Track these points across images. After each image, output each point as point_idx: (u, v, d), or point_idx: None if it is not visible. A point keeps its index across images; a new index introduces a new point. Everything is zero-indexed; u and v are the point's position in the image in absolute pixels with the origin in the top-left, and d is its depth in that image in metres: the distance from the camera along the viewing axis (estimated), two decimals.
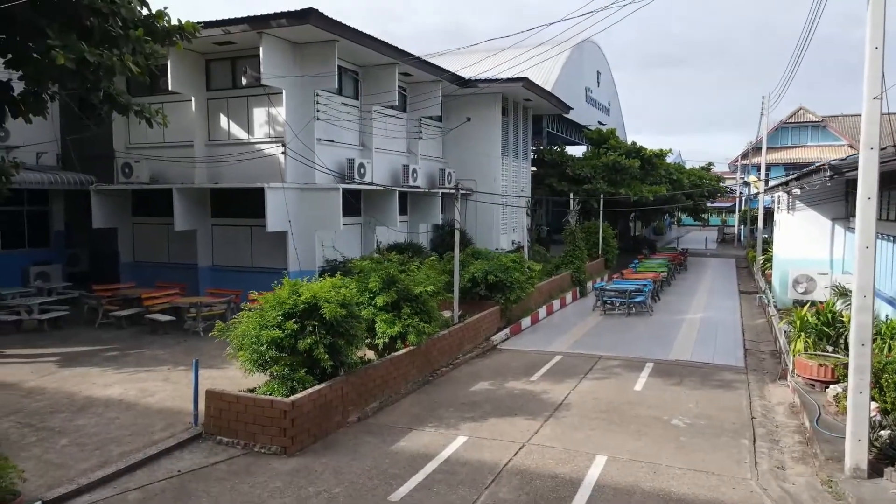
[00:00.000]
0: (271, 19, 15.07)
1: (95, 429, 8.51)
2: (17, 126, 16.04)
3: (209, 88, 17.66)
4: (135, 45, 11.80)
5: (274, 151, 16.68)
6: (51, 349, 12.88)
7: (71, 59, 10.33)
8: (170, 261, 18.82)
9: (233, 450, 7.99)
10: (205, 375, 8.94)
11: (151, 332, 14.41)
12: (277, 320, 8.47)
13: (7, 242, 19.12)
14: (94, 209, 17.99)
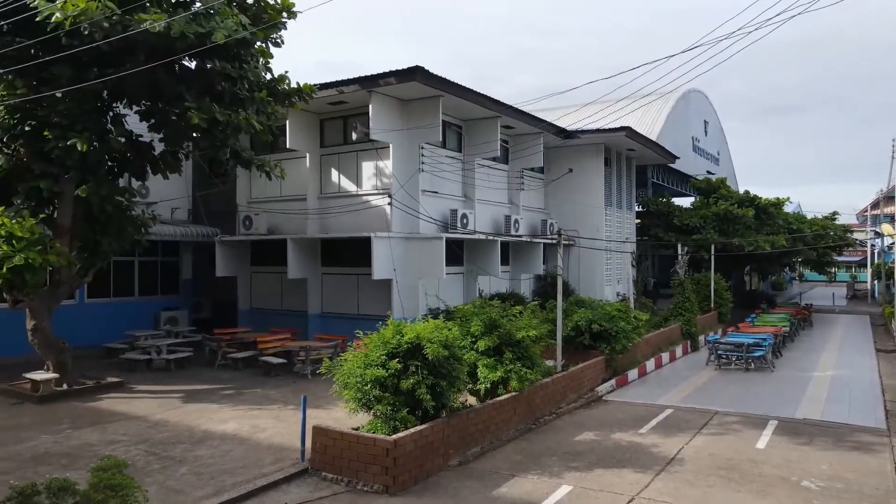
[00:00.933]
0: (380, 78, 15.97)
1: (211, 460, 8.93)
2: (156, 183, 17.82)
3: (322, 145, 18.83)
4: (258, 105, 12.86)
5: (380, 202, 17.38)
6: (175, 386, 13.78)
7: (204, 119, 11.39)
8: (282, 308, 19.81)
9: (336, 486, 8.10)
10: (311, 415, 9.21)
11: (264, 373, 15.10)
12: (381, 359, 8.63)
13: (143, 290, 20.95)
14: (218, 259, 19.39)
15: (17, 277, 11.44)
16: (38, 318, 12.94)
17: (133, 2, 10.80)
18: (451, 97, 17.21)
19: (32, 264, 11.46)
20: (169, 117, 12.87)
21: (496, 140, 19.25)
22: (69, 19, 9.95)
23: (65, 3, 9.93)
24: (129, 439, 9.85)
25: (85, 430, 10.38)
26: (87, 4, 9.94)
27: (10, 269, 11.25)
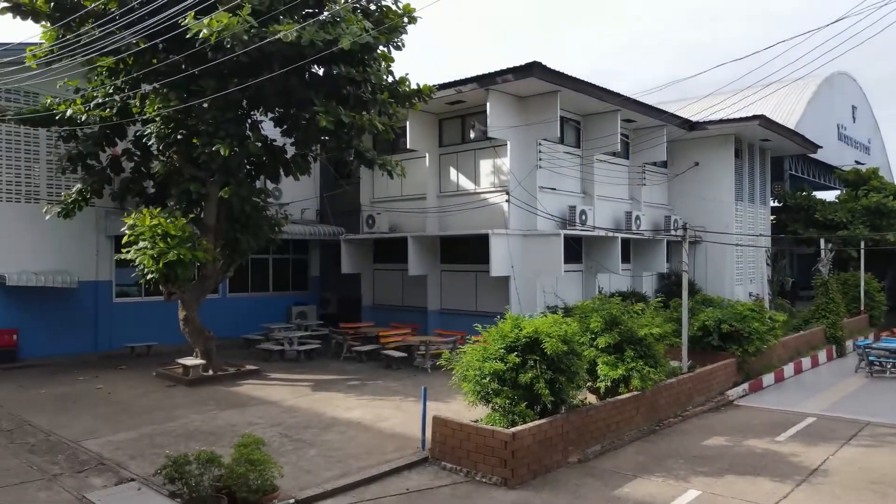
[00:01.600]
0: (497, 76, 16.03)
1: (338, 444, 9.40)
2: (287, 185, 19.05)
3: (441, 144, 19.21)
4: (381, 107, 13.35)
5: (498, 200, 17.45)
6: (305, 375, 14.64)
7: (331, 121, 11.99)
8: (403, 304, 20.43)
9: (456, 476, 8.23)
10: (430, 407, 9.42)
11: (386, 366, 15.66)
12: (499, 353, 8.67)
13: (276, 286, 22.43)
14: (343, 257, 20.34)
15: (171, 271, 12.66)
16: (188, 310, 14.24)
17: (268, 15, 11.60)
18: (568, 92, 16.95)
19: (184, 260, 12.63)
20: (300, 121, 13.71)
21: (616, 134, 18.70)
22: (214, 34, 10.87)
23: (210, 20, 10.86)
24: (265, 422, 10.59)
25: (228, 412, 11.28)
26: (230, 20, 10.82)
27: (165, 264, 12.48)
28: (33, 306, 16.54)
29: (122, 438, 9.64)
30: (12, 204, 16.41)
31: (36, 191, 16.79)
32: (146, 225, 12.63)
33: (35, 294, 16.42)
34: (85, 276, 17.31)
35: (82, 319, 17.48)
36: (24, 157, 16.65)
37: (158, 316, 18.39)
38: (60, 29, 13.24)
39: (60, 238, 16.96)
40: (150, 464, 8.27)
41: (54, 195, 16.65)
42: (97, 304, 17.82)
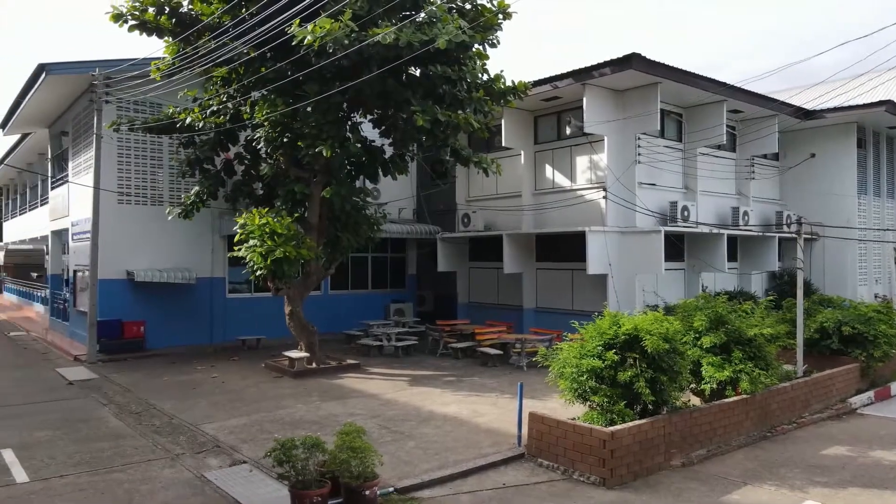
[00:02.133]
0: (594, 70, 15.70)
1: (435, 437, 9.55)
2: (385, 186, 19.56)
3: (536, 142, 19.05)
4: (476, 105, 13.43)
5: (595, 196, 17.09)
6: (403, 370, 14.98)
7: (427, 120, 12.19)
8: (498, 302, 20.44)
9: (552, 473, 8.15)
10: (526, 405, 9.36)
11: (482, 363, 15.73)
12: (597, 350, 8.50)
13: (375, 283, 23.10)
14: (440, 255, 20.63)
15: (278, 268, 13.35)
16: (293, 305, 14.96)
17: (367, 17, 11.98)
18: (669, 83, 16.33)
19: (289, 257, 13.28)
20: (397, 122, 14.05)
21: (721, 125, 17.80)
22: (317, 40, 11.36)
23: (314, 27, 11.35)
24: (365, 413, 10.94)
25: (330, 403, 11.75)
26: (332, 25, 11.27)
27: (272, 261, 13.18)
28: (157, 300, 17.96)
29: (235, 424, 10.28)
30: (140, 206, 17.90)
31: (160, 194, 18.22)
32: (255, 224, 13.38)
33: (159, 289, 17.82)
34: (202, 273, 18.59)
35: (199, 313, 18.78)
36: (150, 163, 18.12)
37: (266, 311, 19.43)
38: (180, 43, 14.30)
39: (180, 237, 18.30)
40: (261, 448, 8.76)
41: (175, 198, 17.99)
42: (212, 299, 19.08)
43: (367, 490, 6.68)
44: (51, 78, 16.71)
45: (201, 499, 7.22)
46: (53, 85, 17.51)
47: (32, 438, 9.45)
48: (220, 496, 7.29)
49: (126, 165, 17.70)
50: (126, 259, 17.51)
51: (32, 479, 7.70)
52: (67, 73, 16.69)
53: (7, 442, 9.23)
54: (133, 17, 13.78)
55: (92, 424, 10.34)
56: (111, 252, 17.00)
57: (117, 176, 17.47)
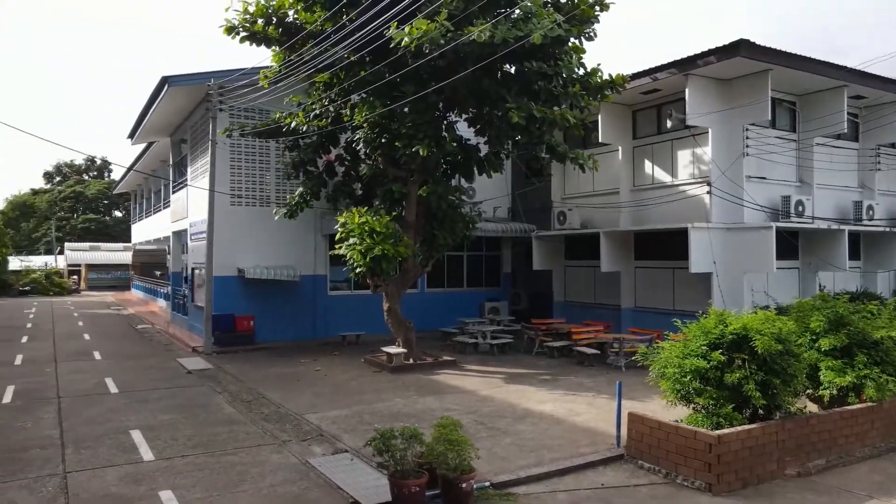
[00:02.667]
0: (698, 59, 15.03)
1: (531, 435, 9.49)
2: (480, 185, 19.66)
3: (634, 136, 18.48)
4: (572, 100, 13.22)
5: (698, 192, 16.35)
6: (498, 368, 14.99)
7: (522, 117, 12.13)
8: (595, 301, 20.01)
9: (654, 476, 7.88)
10: (625, 405, 9.10)
11: (578, 363, 15.46)
12: (702, 350, 8.13)
13: (470, 282, 23.25)
14: (535, 253, 20.47)
15: (376, 265, 13.75)
16: (391, 302, 15.34)
17: (463, 16, 12.09)
18: (781, 70, 15.34)
19: (387, 254, 13.64)
20: (492, 120, 14.08)
21: (841, 113, 16.51)
22: (414, 42, 11.59)
23: (411, 28, 11.60)
24: (461, 409, 11.04)
25: (427, 398, 11.95)
26: (428, 26, 11.46)
27: (371, 259, 13.58)
28: (265, 297, 18.98)
29: (336, 415, 10.68)
30: (249, 208, 18.99)
31: (267, 196, 19.25)
32: (355, 223, 13.84)
33: (266, 286, 18.83)
34: (305, 271, 19.46)
35: (303, 310, 19.66)
36: (259, 167, 19.18)
37: (365, 308, 20.06)
38: (286, 51, 15.04)
39: (285, 237, 19.24)
40: (361, 438, 9.05)
41: (281, 199, 18.94)
42: (315, 296, 19.93)
43: (464, 483, 6.74)
44: (172, 89, 18.09)
45: (306, 483, 7.56)
46: (174, 96, 18.93)
47: (157, 421, 10.26)
48: (323, 482, 7.60)
49: (237, 169, 18.83)
50: (237, 257, 18.63)
51: (157, 458, 8.36)
52: (186, 85, 17.99)
53: (136, 423, 10.08)
54: (244, 28, 14.64)
55: (208, 410, 11.09)
56: (224, 251, 18.15)
57: (230, 179, 18.63)
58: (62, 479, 7.59)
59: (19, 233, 71.60)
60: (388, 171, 15.14)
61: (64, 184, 76.22)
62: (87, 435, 9.44)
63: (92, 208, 72.70)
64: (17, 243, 68.90)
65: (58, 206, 72.09)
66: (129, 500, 7.01)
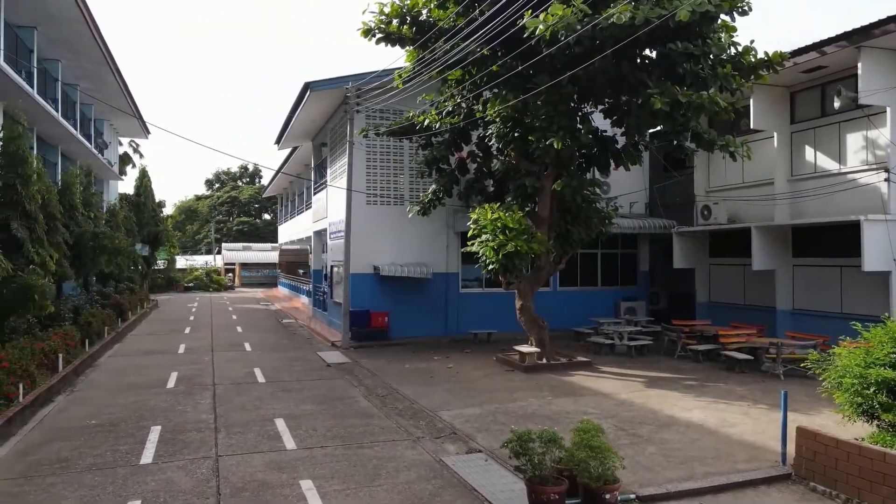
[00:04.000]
0: (874, 28, 13.22)
1: (678, 445, 8.74)
2: (615, 179, 18.78)
3: (793, 121, 16.70)
4: (722, 82, 12.13)
5: (872, 180, 14.44)
6: (636, 371, 14.14)
7: (666, 103, 11.28)
8: (745, 302, 18.38)
9: (829, 501, 6.89)
10: (789, 418, 8.11)
11: (727, 368, 14.21)
12: (890, 358, 7.01)
13: (604, 280, 22.31)
14: (676, 251, 19.18)
15: (509, 262, 13.46)
16: (524, 299, 14.98)
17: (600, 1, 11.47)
18: None
19: (520, 251, 13.31)
20: (631, 108, 13.29)
21: None
22: (549, 29, 11.16)
23: (545, 15, 11.18)
24: (598, 413, 10.45)
25: (561, 399, 11.47)
26: (563, 11, 10.98)
27: (504, 255, 13.32)
28: (398, 294, 19.36)
29: (469, 413, 10.51)
30: (384, 206, 19.47)
31: (401, 194, 19.63)
32: (488, 219, 13.64)
33: (400, 283, 19.19)
34: (437, 269, 19.60)
35: (435, 307, 19.84)
36: (393, 166, 19.62)
37: (496, 306, 19.86)
38: (418, 49, 15.17)
39: (418, 235, 19.52)
40: (495, 439, 8.81)
41: (414, 197, 19.23)
42: (447, 293, 20.02)
43: (608, 494, 6.26)
44: (313, 94, 18.97)
45: (440, 482, 7.42)
46: (315, 100, 19.85)
47: (299, 410, 10.67)
48: (457, 481, 7.42)
49: (373, 169, 19.37)
50: (373, 255, 19.15)
51: (298, 447, 8.63)
52: (326, 89, 18.78)
53: (280, 412, 10.54)
54: (380, 30, 14.96)
55: (346, 402, 11.37)
56: (360, 249, 18.73)
57: (366, 179, 19.21)
58: (214, 462, 8.03)
59: (185, 234, 79.43)
60: (521, 165, 14.80)
61: (221, 190, 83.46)
62: (237, 421, 10.00)
63: (245, 211, 78.96)
64: (184, 244, 76.47)
65: (216, 210, 79.09)
66: (273, 486, 7.24)
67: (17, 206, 12.52)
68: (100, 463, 7.96)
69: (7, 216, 12.38)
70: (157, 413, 10.45)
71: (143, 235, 40.67)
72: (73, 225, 18.88)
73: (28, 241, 12.35)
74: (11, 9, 18.82)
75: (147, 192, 42.25)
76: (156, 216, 42.90)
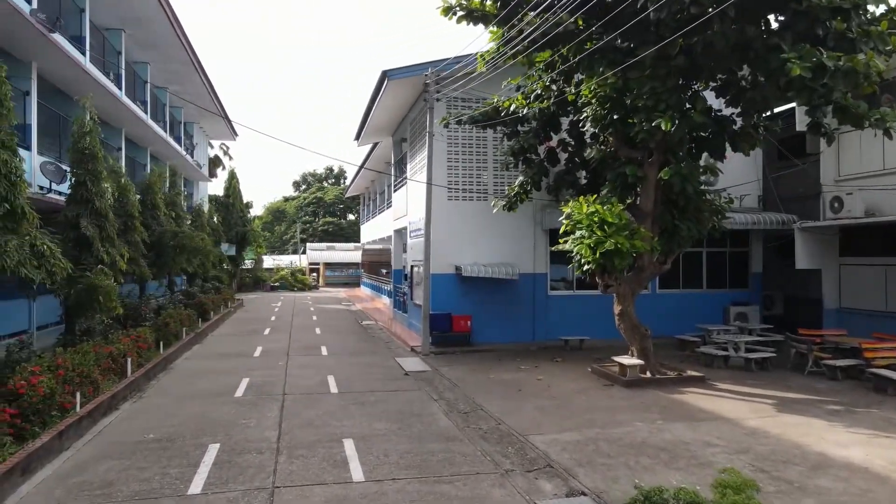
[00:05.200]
0: None
1: (844, 498, 6.82)
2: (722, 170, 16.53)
3: None
4: (876, 42, 9.94)
5: None
6: (761, 390, 12.06)
7: (807, 68, 9.27)
8: (886, 308, 15.70)
9: None
10: None
11: (876, 389, 11.87)
12: None
13: (711, 282, 20.00)
14: (798, 249, 16.71)
15: (607, 262, 11.78)
16: (623, 304, 13.21)
17: None
18: None
19: (621, 249, 11.61)
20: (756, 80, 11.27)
21: None
22: None
23: None
24: (725, 445, 8.63)
25: (675, 425, 9.69)
26: None
27: (602, 254, 11.64)
28: (481, 296, 17.96)
29: (566, 439, 8.96)
30: (465, 202, 18.12)
31: (483, 189, 18.22)
32: (583, 213, 12.02)
33: (483, 284, 17.79)
34: (523, 269, 18.05)
35: (521, 310, 18.30)
36: (476, 158, 18.24)
37: (589, 310, 18.14)
38: (503, 27, 13.69)
39: (502, 232, 18.06)
40: (600, 476, 7.26)
41: (499, 192, 17.79)
42: (534, 295, 18.43)
43: None
44: (392, 83, 17.88)
45: None
46: (394, 90, 18.77)
47: (371, 430, 9.47)
48: None
49: (454, 162, 18.08)
50: (454, 254, 17.87)
51: (367, 479, 7.38)
52: (404, 76, 17.63)
53: (350, 431, 9.38)
54: (461, 7, 13.58)
55: (423, 420, 10.08)
56: (441, 247, 17.48)
57: (446, 173, 17.94)
58: (269, 495, 6.90)
59: (273, 235, 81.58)
60: (621, 152, 13.03)
61: (308, 191, 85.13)
62: (302, 440, 8.90)
63: (330, 212, 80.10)
64: (272, 244, 78.56)
65: (302, 210, 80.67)
66: None
67: (87, 204, 12.06)
68: (145, 490, 7.02)
69: (77, 214, 11.94)
70: (219, 427, 9.54)
71: (230, 235, 41.47)
72: (154, 224, 18.74)
73: (97, 240, 11.85)
74: (99, 11, 18.94)
75: (235, 193, 43.06)
76: (243, 217, 43.67)
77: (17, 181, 8.39)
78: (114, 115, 21.30)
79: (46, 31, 14.11)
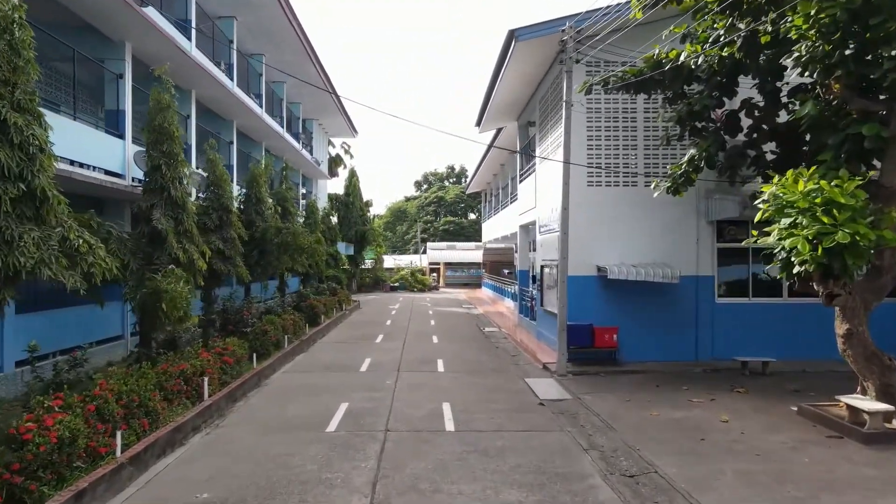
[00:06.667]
0: None
1: None
2: None
3: None
4: None
5: None
6: None
7: None
8: None
9: None
10: None
11: None
12: None
13: None
14: None
15: (835, 261, 8.12)
16: (853, 321, 9.35)
17: None
18: None
19: (859, 242, 7.92)
20: None
21: None
22: None
23: None
24: None
25: None
26: None
27: (826, 250, 8.01)
28: (629, 303, 14.57)
29: None
30: (610, 188, 14.79)
31: (633, 172, 14.79)
32: (799, 192, 8.40)
33: (631, 289, 14.38)
34: (684, 271, 14.41)
35: (681, 321, 14.68)
36: (623, 134, 14.84)
37: (772, 323, 14.28)
38: None
39: (656, 225, 14.59)
40: None
41: (652, 174, 14.31)
42: (697, 304, 14.73)
43: None
44: (520, 45, 14.88)
45: None
46: (522, 56, 15.77)
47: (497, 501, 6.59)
48: None
49: (595, 140, 14.80)
50: (595, 252, 14.63)
51: None
52: (537, 36, 14.56)
53: None
54: None
55: (573, 489, 7.04)
56: (579, 243, 14.31)
57: (586, 154, 14.71)
58: None
59: (395, 234, 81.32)
60: (853, 104, 9.16)
61: (429, 190, 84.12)
62: None
63: (451, 211, 78.48)
64: (393, 244, 78.23)
65: (423, 210, 79.69)
66: None
67: (162, 192, 10.19)
68: None
69: (151, 205, 10.10)
70: (294, 487, 7.06)
71: (349, 234, 40.45)
72: (259, 220, 17.11)
73: (171, 234, 9.92)
74: None
75: (355, 191, 42.05)
76: (363, 215, 42.58)
77: (36, 155, 6.36)
78: (229, 107, 20.17)
79: (137, 5, 12.65)
